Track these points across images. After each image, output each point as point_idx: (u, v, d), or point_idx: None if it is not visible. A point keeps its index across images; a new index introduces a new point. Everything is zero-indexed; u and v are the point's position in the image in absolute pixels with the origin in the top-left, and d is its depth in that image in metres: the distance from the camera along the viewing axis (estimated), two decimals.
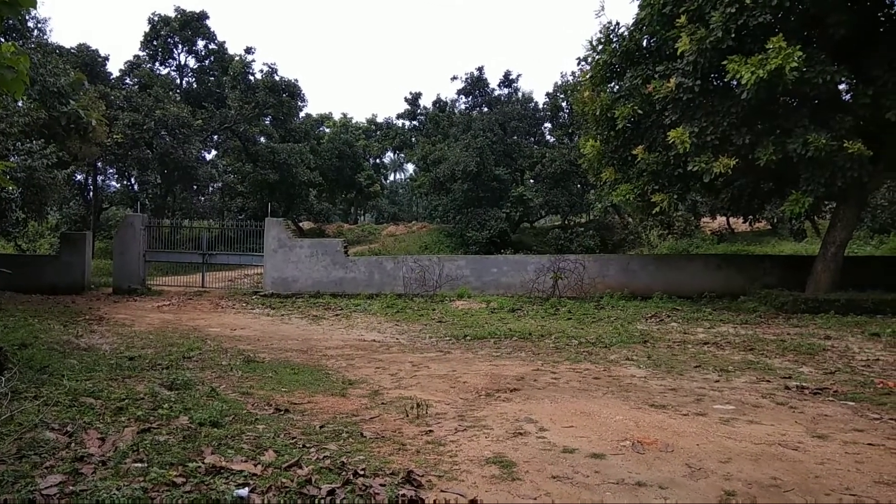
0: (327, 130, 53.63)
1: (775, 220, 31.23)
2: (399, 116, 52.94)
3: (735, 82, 13.16)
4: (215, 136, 37.65)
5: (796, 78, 12.36)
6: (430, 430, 5.59)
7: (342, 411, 6.29)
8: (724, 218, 33.63)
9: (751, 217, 21.66)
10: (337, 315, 15.88)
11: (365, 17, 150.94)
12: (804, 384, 7.65)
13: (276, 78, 38.11)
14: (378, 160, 62.68)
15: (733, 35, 13.28)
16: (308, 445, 4.99)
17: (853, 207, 15.49)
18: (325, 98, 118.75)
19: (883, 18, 14.23)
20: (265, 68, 38.55)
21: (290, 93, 39.30)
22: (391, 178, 74.73)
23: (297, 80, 39.72)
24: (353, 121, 58.43)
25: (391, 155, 66.89)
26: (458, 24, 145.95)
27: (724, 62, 13.14)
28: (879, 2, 13.98)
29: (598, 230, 34.68)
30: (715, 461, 4.79)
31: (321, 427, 5.61)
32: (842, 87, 14.12)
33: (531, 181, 38.89)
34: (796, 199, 13.76)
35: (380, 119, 59.46)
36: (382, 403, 6.69)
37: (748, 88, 12.67)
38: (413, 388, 7.51)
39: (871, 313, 13.89)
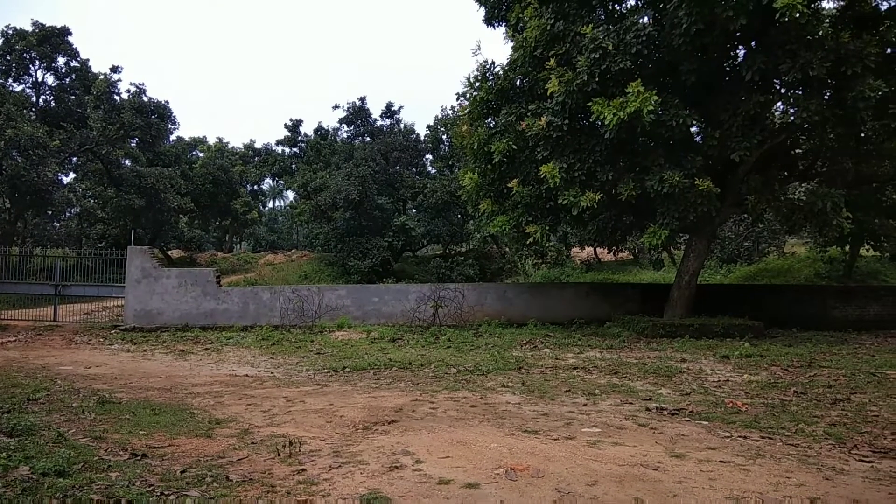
0: (201, 155, 51.24)
1: (637, 251, 33.61)
2: (279, 143, 51.74)
3: (599, 122, 14.09)
4: (74, 159, 34.80)
5: (653, 120, 13.46)
6: (303, 469, 5.38)
7: (207, 454, 5.90)
8: (591, 248, 35.71)
9: (615, 248, 23.13)
10: (206, 349, 15.00)
11: (243, 42, 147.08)
12: (663, 405, 8.18)
13: (145, 98, 35.99)
14: (256, 187, 60.66)
15: (597, 79, 14.27)
16: (167, 493, 4.63)
17: (704, 239, 17.01)
18: (199, 122, 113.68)
19: (728, 68, 15.90)
20: (132, 88, 36.21)
21: (159, 114, 37.23)
22: (270, 205, 72.51)
23: (167, 102, 37.77)
24: (230, 146, 56.26)
25: (270, 182, 65.05)
26: (340, 54, 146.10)
27: (590, 104, 14.06)
28: (724, 53, 15.61)
29: (477, 259, 35.53)
30: (582, 484, 4.97)
31: (182, 472, 5.22)
32: (693, 129, 15.50)
33: (413, 211, 39.29)
34: (654, 231, 14.87)
35: (258, 145, 57.79)
36: (252, 443, 6.36)
37: (610, 129, 13.63)
38: (287, 425, 7.21)
39: (722, 337, 15.23)
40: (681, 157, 14.84)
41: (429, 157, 42.98)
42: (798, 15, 11.84)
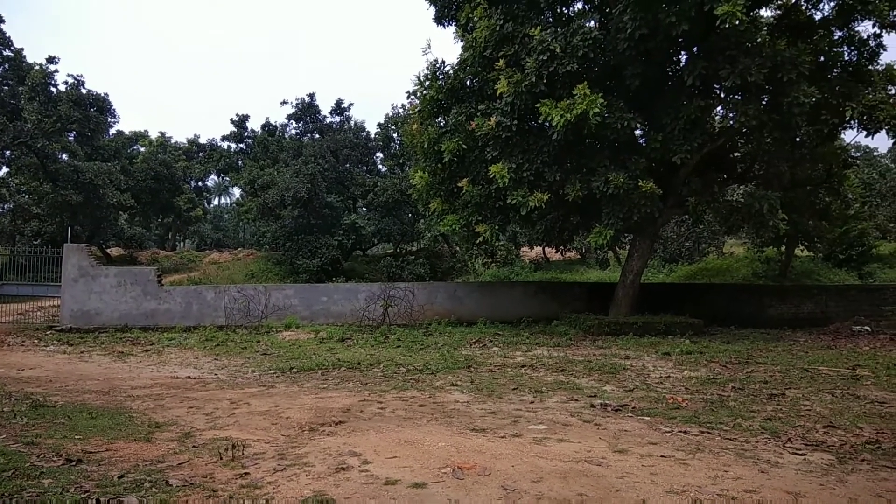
0: (142, 150, 49.55)
1: (584, 250, 34.27)
2: (224, 138, 50.42)
3: (547, 124, 14.29)
4: (7, 152, 33.09)
5: (599, 122, 13.72)
6: (246, 473, 5.26)
7: (146, 458, 5.71)
8: (540, 248, 36.19)
9: (562, 247, 23.51)
10: (147, 351, 14.52)
11: (188, 35, 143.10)
12: (607, 402, 8.36)
13: (83, 91, 34.57)
14: (201, 183, 58.98)
15: (545, 80, 14.45)
16: (103, 499, 4.45)
17: (647, 239, 17.46)
18: (141, 116, 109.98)
19: (671, 73, 16.36)
20: (70, 80, 34.72)
21: (98, 107, 35.83)
22: (215, 202, 70.72)
23: (107, 95, 36.40)
24: (173, 140, 54.54)
25: (215, 178, 63.34)
26: (289, 48, 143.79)
27: (538, 105, 14.24)
28: (667, 58, 16.05)
29: (428, 258, 35.55)
30: (528, 481, 5.02)
31: (120, 477, 5.04)
32: (637, 132, 15.90)
33: (364, 209, 38.97)
34: (599, 231, 15.18)
35: (203, 140, 56.16)
36: (194, 447, 6.18)
37: (558, 130, 13.84)
38: (230, 428, 7.05)
39: (664, 334, 15.67)
40: (625, 159, 15.19)
41: (379, 155, 42.70)
42: (737, 22, 12.24)
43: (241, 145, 49.18)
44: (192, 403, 8.52)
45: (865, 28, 15.65)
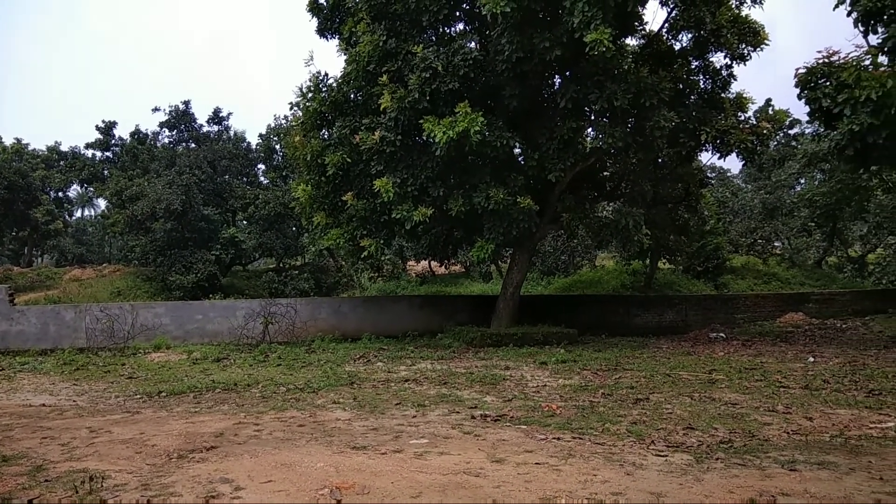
0: None
1: (468, 264, 34.96)
2: (89, 146, 46.78)
3: (431, 140, 14.52)
4: None
5: (479, 140, 14.14)
6: None
7: None
8: (426, 261, 36.53)
9: (447, 261, 23.89)
10: None
11: (51, 38, 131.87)
12: (487, 412, 8.55)
13: None
14: (61, 194, 54.24)
15: (428, 97, 14.73)
16: None
17: (526, 253, 18.15)
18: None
19: (546, 95, 17.19)
20: None
21: None
22: (78, 214, 65.24)
23: None
24: (30, 147, 49.82)
25: (78, 189, 58.49)
26: (163, 54, 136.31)
27: (421, 121, 14.46)
28: (542, 81, 16.84)
29: (313, 273, 34.77)
30: (407, 497, 5.02)
31: None
32: (516, 150, 16.54)
33: (244, 222, 37.53)
34: (481, 245, 15.61)
35: (64, 147, 51.78)
36: (46, 480, 5.63)
37: (441, 146, 14.10)
38: (88, 459, 6.49)
39: (542, 344, 16.31)
40: (505, 176, 15.74)
41: (261, 166, 41.36)
42: (605, 49, 13.08)
43: (107, 154, 45.88)
44: (45, 433, 7.77)
45: (719, 59, 17.35)
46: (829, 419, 8.04)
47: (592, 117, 16.35)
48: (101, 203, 56.26)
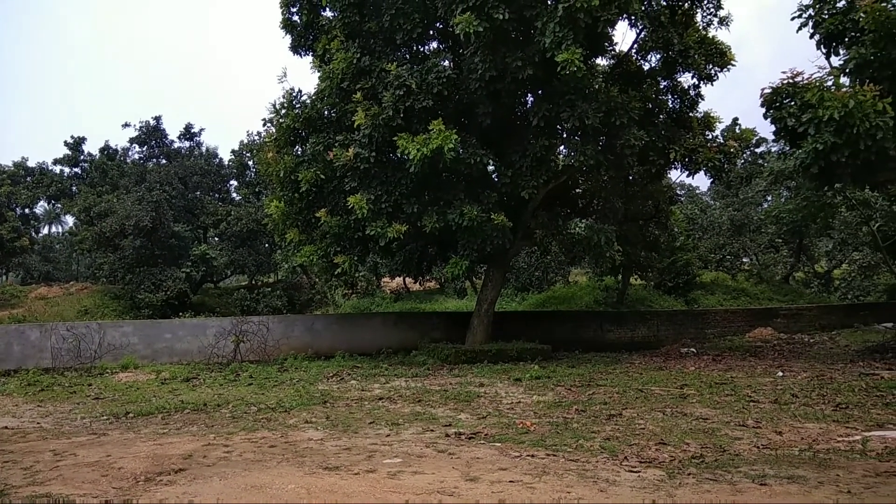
0: None
1: (443, 280, 34.94)
2: (57, 162, 46.01)
3: (405, 157, 14.56)
4: None
5: (453, 157, 14.21)
6: None
7: None
8: (400, 278, 36.40)
9: (422, 277, 23.85)
10: None
11: (20, 52, 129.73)
12: (461, 430, 8.50)
13: None
14: (28, 210, 53.11)
15: (402, 115, 14.79)
16: None
17: (500, 270, 18.21)
18: None
19: (519, 113, 17.37)
20: None
21: None
22: (45, 231, 63.82)
23: None
24: None
25: (45, 205, 57.32)
26: (133, 68, 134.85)
27: (395, 138, 14.50)
28: (515, 99, 17.02)
29: (286, 290, 34.43)
30: None
31: None
32: (490, 167, 16.65)
33: (216, 239, 37.09)
34: (456, 262, 15.62)
35: (31, 163, 50.82)
36: None
37: (415, 163, 14.14)
38: (52, 483, 6.28)
39: (516, 360, 16.31)
40: (479, 193, 15.83)
41: (234, 182, 41.06)
42: (576, 69, 13.28)
43: (76, 170, 45.17)
44: (7, 457, 7.52)
45: (686, 79, 17.74)
46: (798, 433, 8.15)
47: (564, 135, 16.55)
48: (69, 220, 55.13)
